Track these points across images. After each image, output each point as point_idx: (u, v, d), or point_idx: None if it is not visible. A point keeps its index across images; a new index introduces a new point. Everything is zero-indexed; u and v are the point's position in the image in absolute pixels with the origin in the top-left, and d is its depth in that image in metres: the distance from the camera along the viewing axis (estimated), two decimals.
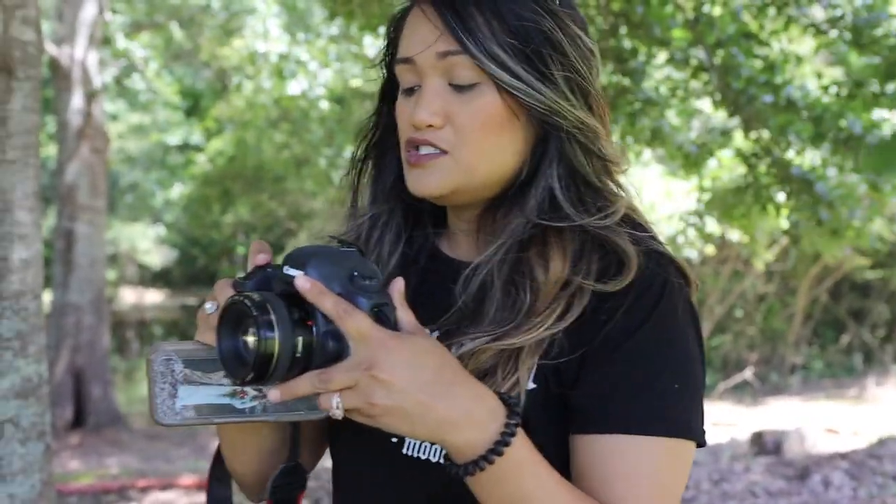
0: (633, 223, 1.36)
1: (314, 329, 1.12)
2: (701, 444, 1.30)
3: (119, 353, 20.61)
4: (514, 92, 1.31)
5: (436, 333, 1.36)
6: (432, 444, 1.26)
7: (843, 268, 16.18)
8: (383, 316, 1.14)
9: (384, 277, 1.43)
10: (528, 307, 1.28)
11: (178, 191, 20.21)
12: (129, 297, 25.00)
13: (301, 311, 1.13)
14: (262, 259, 1.22)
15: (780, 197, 7.51)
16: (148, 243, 22.78)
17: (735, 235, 14.17)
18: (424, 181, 1.35)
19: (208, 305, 1.23)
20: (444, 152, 1.34)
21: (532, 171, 1.37)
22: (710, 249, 14.47)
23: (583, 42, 1.36)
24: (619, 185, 1.41)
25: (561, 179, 1.36)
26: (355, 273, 1.15)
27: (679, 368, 1.28)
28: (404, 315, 1.17)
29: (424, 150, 1.35)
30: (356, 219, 1.51)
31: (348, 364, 1.11)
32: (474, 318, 1.32)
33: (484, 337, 1.28)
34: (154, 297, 26.15)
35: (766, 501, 7.17)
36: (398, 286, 1.18)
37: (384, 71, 1.46)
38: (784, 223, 8.59)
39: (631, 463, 1.23)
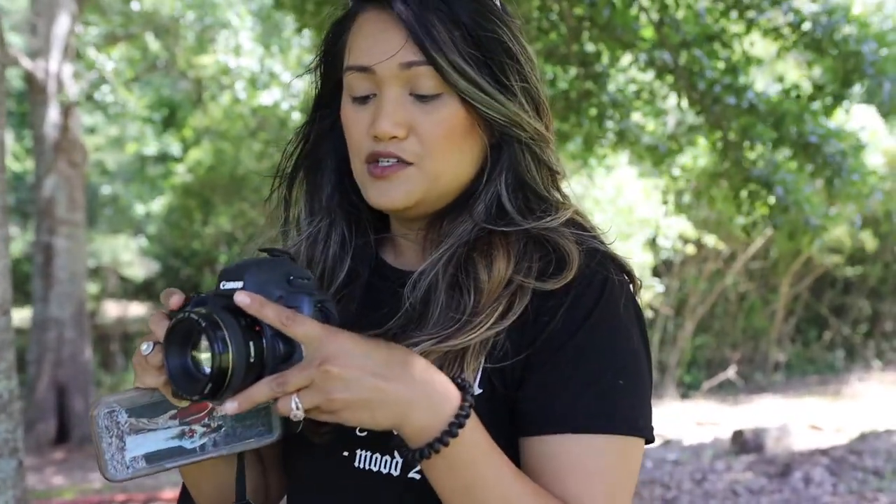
0: (578, 226, 1.37)
1: (262, 335, 1.12)
2: (649, 440, 1.30)
3: (104, 367, 20.50)
4: (477, 104, 1.32)
5: None
6: (391, 431, 1.21)
7: (824, 264, 16.28)
8: (327, 311, 1.16)
9: (332, 293, 1.44)
10: (472, 308, 1.29)
11: (158, 203, 20.15)
12: (112, 310, 24.87)
13: (247, 317, 1.12)
14: (175, 302, 1.19)
15: (745, 194, 7.59)
16: (130, 256, 22.66)
17: (711, 240, 14.23)
18: (390, 194, 1.34)
19: (144, 347, 1.19)
20: (408, 164, 1.33)
21: (485, 179, 1.37)
22: (690, 249, 14.52)
23: (529, 53, 1.37)
24: (562, 194, 1.42)
25: (509, 187, 1.37)
26: (291, 276, 1.16)
27: (623, 365, 1.28)
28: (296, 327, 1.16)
29: (387, 162, 1.33)
30: (292, 235, 1.49)
31: (302, 364, 1.11)
32: (419, 321, 1.32)
33: (428, 340, 1.27)
34: (137, 309, 26.01)
35: (747, 499, 7.19)
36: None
37: (318, 79, 1.44)
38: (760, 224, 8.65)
39: (580, 461, 1.24)
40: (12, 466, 3.06)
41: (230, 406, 1.11)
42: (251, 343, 1.11)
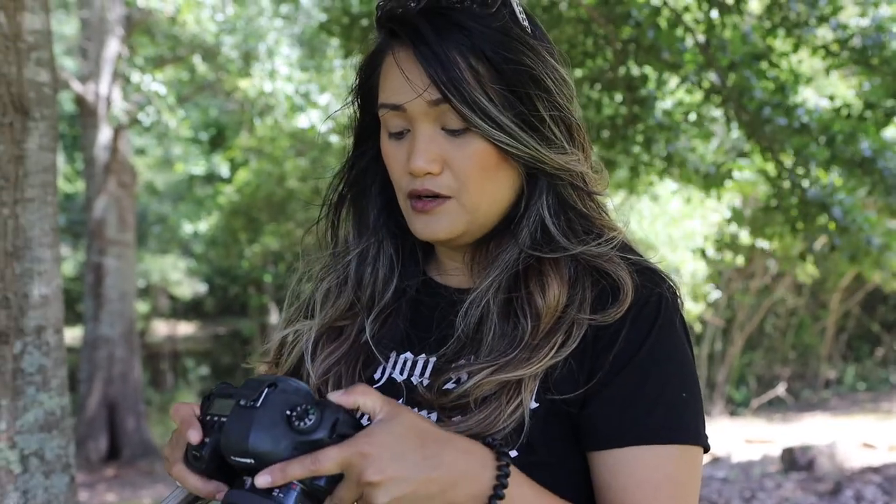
0: (624, 246, 1.39)
1: (298, 486, 1.14)
2: (707, 449, 1.33)
3: (154, 385, 20.73)
4: (498, 143, 1.33)
5: (433, 360, 1.39)
6: None
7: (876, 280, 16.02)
8: (345, 434, 1.14)
9: (378, 310, 1.45)
10: (530, 334, 1.31)
11: (206, 223, 20.37)
12: (161, 329, 25.16)
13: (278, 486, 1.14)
14: (195, 438, 1.21)
15: (800, 224, 7.45)
16: (178, 275, 22.93)
17: (766, 243, 14.03)
18: (433, 227, 1.37)
19: (177, 489, 1.27)
20: (447, 198, 1.35)
21: (525, 204, 1.39)
22: (740, 260, 14.31)
23: (559, 74, 1.37)
24: (602, 210, 1.43)
25: (551, 209, 1.38)
26: (288, 413, 1.14)
27: (684, 378, 1.32)
28: (366, 400, 1.17)
29: (427, 199, 1.36)
30: (340, 257, 1.52)
31: (343, 484, 1.14)
32: (473, 346, 1.34)
33: (486, 368, 1.30)
34: (186, 328, 26.28)
35: None
36: (335, 395, 1.17)
37: (357, 111, 1.47)
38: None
39: (648, 473, 1.27)
40: (64, 482, 3.11)
41: (263, 480, 1.12)
42: (298, 503, 1.13)
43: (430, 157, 1.33)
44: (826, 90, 9.44)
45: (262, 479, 1.12)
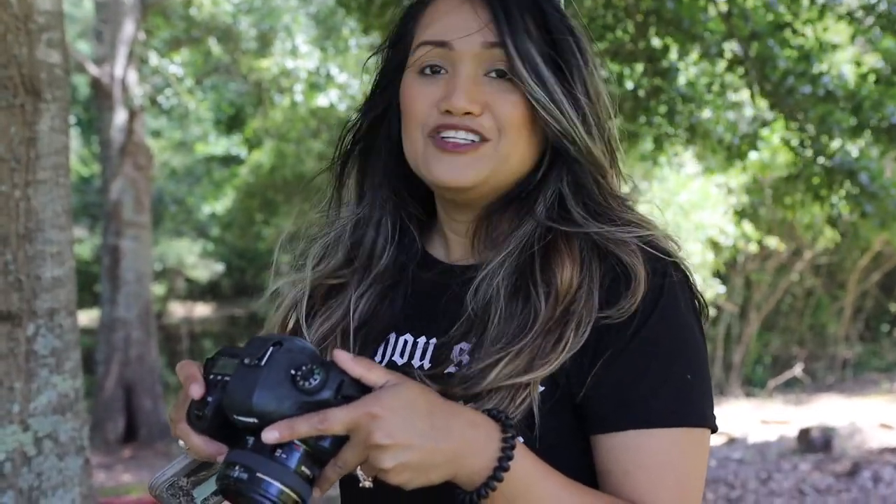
0: (651, 241, 1.35)
1: (303, 445, 1.12)
2: (714, 430, 1.31)
3: (170, 367, 20.78)
4: (535, 100, 1.32)
5: (433, 343, 1.37)
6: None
7: (894, 259, 15.92)
8: (349, 396, 1.13)
9: (372, 278, 1.43)
10: (543, 316, 1.28)
11: (222, 204, 20.39)
12: (178, 310, 25.23)
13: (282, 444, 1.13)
14: (197, 393, 1.20)
15: (824, 191, 7.38)
16: (194, 258, 22.98)
17: (773, 242, 13.97)
18: (459, 171, 1.34)
19: (181, 444, 1.25)
20: (485, 140, 1.33)
21: (544, 172, 1.37)
22: (752, 247, 14.25)
23: (598, 73, 1.38)
24: (626, 207, 1.39)
25: (570, 186, 1.36)
26: (293, 372, 1.13)
27: (689, 359, 1.30)
28: (370, 374, 1.15)
29: (461, 139, 1.33)
30: (340, 219, 1.50)
31: (351, 444, 1.13)
32: (478, 328, 1.32)
33: (498, 361, 1.27)
34: (203, 310, 26.35)
35: (814, 499, 7.08)
36: (342, 357, 1.15)
37: (382, 62, 1.45)
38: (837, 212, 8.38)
39: (652, 455, 1.25)
40: (79, 464, 3.12)
41: (271, 436, 1.10)
42: (300, 464, 1.12)
43: (473, 97, 1.32)
44: (849, 58, 9.29)
45: (270, 435, 1.10)
